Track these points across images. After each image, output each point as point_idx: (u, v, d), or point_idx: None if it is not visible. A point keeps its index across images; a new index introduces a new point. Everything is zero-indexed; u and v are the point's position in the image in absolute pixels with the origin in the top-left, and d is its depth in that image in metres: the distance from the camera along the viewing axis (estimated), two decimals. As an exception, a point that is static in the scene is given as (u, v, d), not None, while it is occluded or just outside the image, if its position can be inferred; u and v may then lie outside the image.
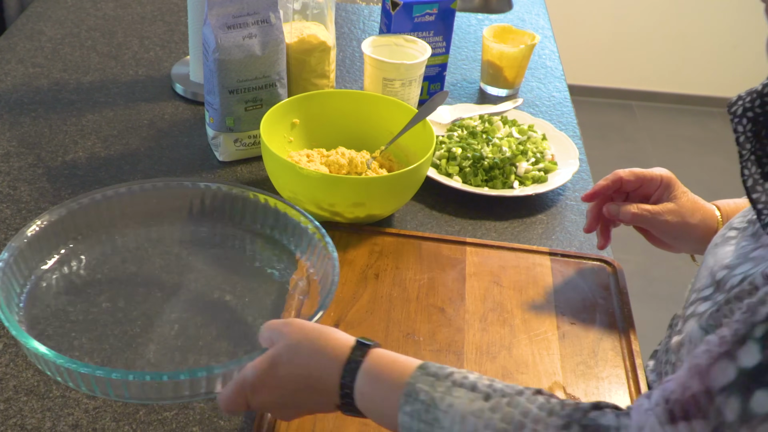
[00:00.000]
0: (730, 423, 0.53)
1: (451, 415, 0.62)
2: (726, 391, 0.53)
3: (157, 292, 0.92)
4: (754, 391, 0.52)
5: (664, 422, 0.56)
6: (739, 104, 0.71)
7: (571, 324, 0.91)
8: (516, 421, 0.60)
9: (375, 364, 0.66)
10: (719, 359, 0.54)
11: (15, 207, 1.04)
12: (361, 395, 0.66)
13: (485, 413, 0.61)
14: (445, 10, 1.27)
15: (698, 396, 0.55)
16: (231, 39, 1.07)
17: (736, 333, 0.54)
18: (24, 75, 1.33)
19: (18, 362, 0.83)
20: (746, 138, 0.70)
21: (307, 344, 0.68)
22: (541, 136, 1.22)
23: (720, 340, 0.55)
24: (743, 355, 0.53)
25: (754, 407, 0.52)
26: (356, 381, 0.66)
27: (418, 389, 0.63)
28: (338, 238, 1.00)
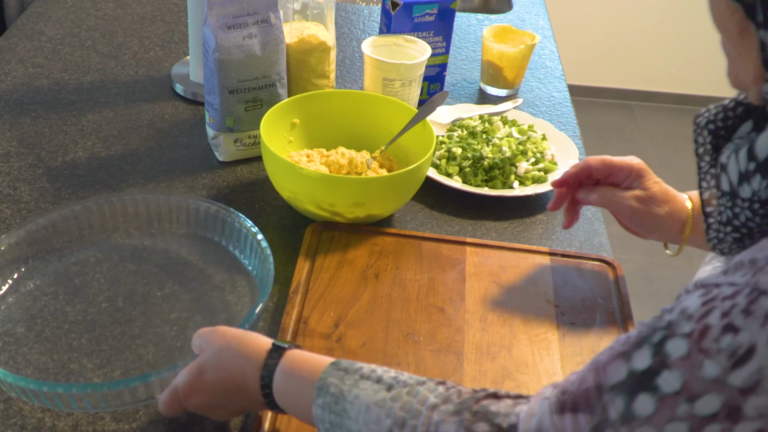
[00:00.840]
0: (612, 421, 0.54)
1: (357, 405, 0.66)
2: (614, 390, 0.54)
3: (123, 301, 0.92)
4: (638, 394, 0.53)
5: (554, 411, 0.57)
6: (705, 115, 0.71)
7: (571, 324, 0.91)
8: (413, 409, 0.63)
9: (290, 364, 0.71)
10: (617, 358, 0.55)
11: (15, 207, 1.04)
12: (279, 393, 0.70)
13: (387, 403, 0.65)
14: (445, 10, 1.27)
15: (590, 391, 0.56)
16: (231, 39, 1.07)
17: (639, 335, 0.55)
18: (24, 75, 1.33)
19: (18, 360, 0.83)
20: (705, 150, 0.70)
21: (229, 350, 0.73)
22: (541, 136, 1.22)
23: (625, 340, 0.56)
24: (637, 357, 0.54)
25: (637, 409, 0.53)
26: (273, 381, 0.70)
27: (329, 383, 0.67)
28: (338, 238, 1.00)
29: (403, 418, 0.63)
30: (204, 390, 0.73)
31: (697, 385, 0.51)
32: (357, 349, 0.85)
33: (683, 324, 0.52)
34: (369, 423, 0.64)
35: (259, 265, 0.90)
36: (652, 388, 0.52)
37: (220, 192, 1.10)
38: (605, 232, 1.09)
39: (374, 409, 0.65)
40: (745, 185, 0.60)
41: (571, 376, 0.59)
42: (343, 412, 0.66)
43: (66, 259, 0.95)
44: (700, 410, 0.51)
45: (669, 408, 0.52)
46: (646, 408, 0.52)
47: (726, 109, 0.70)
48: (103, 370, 0.83)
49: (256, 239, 0.91)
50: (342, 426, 0.66)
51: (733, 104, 0.70)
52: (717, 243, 0.66)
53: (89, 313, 0.89)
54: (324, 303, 0.91)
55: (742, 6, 0.58)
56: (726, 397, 0.50)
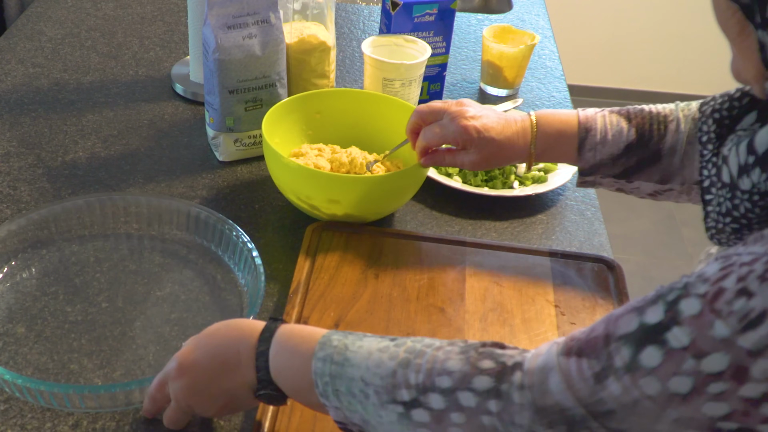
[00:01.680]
0: (616, 368, 0.55)
1: (360, 353, 0.65)
2: (622, 339, 0.55)
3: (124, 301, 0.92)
4: (646, 345, 0.54)
5: (560, 353, 0.58)
6: (710, 104, 0.71)
7: (571, 324, 0.91)
8: (418, 350, 0.64)
9: (288, 330, 0.70)
10: (629, 312, 0.56)
11: (15, 207, 1.04)
12: (276, 355, 0.69)
13: (390, 348, 0.65)
14: (445, 10, 1.27)
15: (598, 339, 0.57)
16: (231, 39, 1.07)
17: (655, 294, 0.56)
18: (24, 75, 1.33)
19: (18, 360, 0.83)
20: (709, 138, 0.71)
21: (224, 328, 0.73)
22: (541, 136, 1.22)
23: (642, 298, 0.57)
24: (650, 312, 0.55)
25: (642, 360, 0.54)
26: (271, 344, 0.69)
27: (332, 339, 0.68)
28: (338, 238, 1.00)
29: (407, 358, 0.63)
30: (191, 373, 0.71)
31: (705, 343, 0.52)
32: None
33: (699, 285, 0.53)
34: (371, 368, 0.64)
35: (252, 282, 0.90)
36: (660, 342, 0.53)
37: (220, 192, 1.10)
38: (605, 232, 1.09)
39: (377, 354, 0.65)
40: (744, 178, 0.61)
41: (581, 328, 0.60)
42: (345, 361, 0.65)
43: (66, 259, 0.95)
44: (706, 367, 0.52)
45: (675, 362, 0.53)
46: (652, 360, 0.53)
47: (732, 98, 0.70)
48: (103, 371, 0.83)
49: (251, 255, 0.91)
50: (342, 376, 0.65)
51: (739, 94, 0.70)
52: (716, 233, 0.67)
53: (89, 313, 0.89)
54: (324, 303, 0.91)
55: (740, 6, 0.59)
56: (733, 357, 0.51)
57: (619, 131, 0.90)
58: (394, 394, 0.63)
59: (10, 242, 0.93)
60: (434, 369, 0.62)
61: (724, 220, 0.65)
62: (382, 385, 0.63)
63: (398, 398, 0.63)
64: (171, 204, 0.99)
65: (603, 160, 0.91)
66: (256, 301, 0.85)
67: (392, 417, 0.63)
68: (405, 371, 0.63)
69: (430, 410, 0.62)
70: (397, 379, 0.63)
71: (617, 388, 0.55)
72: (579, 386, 0.57)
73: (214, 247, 0.97)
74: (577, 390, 0.57)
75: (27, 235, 0.95)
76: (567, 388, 0.57)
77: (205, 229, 0.97)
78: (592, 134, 0.91)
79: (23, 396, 0.76)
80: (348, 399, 0.65)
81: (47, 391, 0.74)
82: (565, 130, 0.92)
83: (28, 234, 0.95)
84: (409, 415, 0.62)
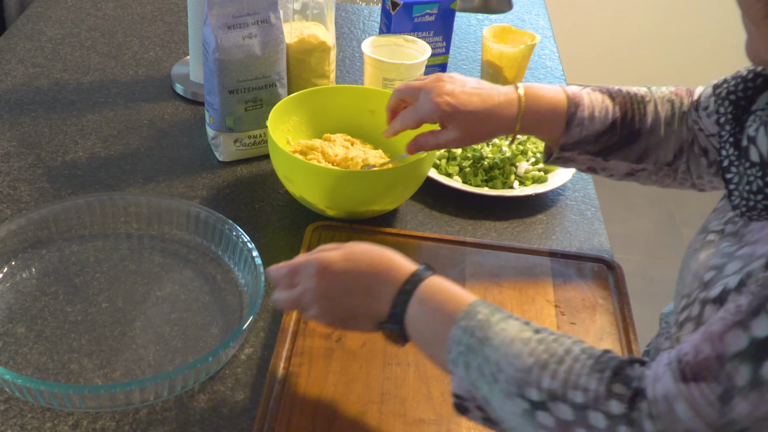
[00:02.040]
0: (740, 387, 0.56)
1: (501, 336, 0.66)
2: (737, 358, 0.56)
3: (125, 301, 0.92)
4: (764, 360, 0.55)
5: (678, 380, 0.59)
6: (724, 87, 0.74)
7: (571, 324, 0.91)
8: (558, 355, 0.64)
9: (437, 284, 0.72)
10: (733, 327, 0.57)
11: (15, 207, 1.04)
12: (419, 302, 0.71)
13: (532, 342, 0.65)
14: (445, 10, 1.27)
15: (710, 360, 0.58)
16: (231, 39, 1.07)
17: (750, 305, 0.57)
18: (24, 75, 1.33)
19: (18, 360, 0.83)
20: (726, 120, 0.73)
21: (378, 255, 0.75)
22: (541, 136, 1.22)
23: (736, 309, 0.58)
24: (756, 326, 0.56)
25: (764, 374, 0.55)
26: (417, 289, 0.71)
27: (478, 310, 0.68)
28: (338, 238, 1.00)
29: (546, 360, 0.64)
30: (334, 279, 0.74)
31: None
32: (357, 349, 0.85)
33: None
34: (509, 356, 0.65)
35: (252, 282, 0.90)
36: None
37: (220, 192, 1.10)
38: (605, 232, 1.09)
39: (518, 344, 0.65)
40: None
41: (683, 346, 0.61)
42: (486, 339, 0.66)
43: (66, 259, 0.95)
44: None
45: None
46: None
47: (745, 80, 0.72)
48: (103, 371, 0.83)
49: (251, 255, 0.91)
50: (479, 352, 0.66)
51: (752, 75, 0.73)
52: (746, 211, 0.68)
53: (89, 313, 0.89)
54: (324, 303, 0.91)
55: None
56: None
57: (605, 108, 0.91)
58: (524, 390, 0.64)
59: (10, 242, 0.93)
60: (569, 381, 0.63)
61: (756, 197, 0.66)
62: (515, 377, 0.64)
63: (527, 395, 0.64)
64: (171, 204, 0.99)
65: (587, 136, 0.92)
66: (256, 301, 0.85)
67: (516, 409, 0.64)
68: (540, 373, 0.64)
69: (556, 418, 0.63)
70: (531, 376, 0.64)
71: (746, 407, 0.56)
72: (706, 412, 0.57)
73: (214, 247, 0.97)
74: (705, 416, 0.57)
75: (27, 235, 0.95)
76: (695, 415, 0.58)
77: (205, 229, 0.97)
78: (580, 110, 0.91)
79: (23, 396, 0.76)
80: (477, 375, 0.66)
81: (47, 391, 0.74)
82: (555, 105, 0.92)
83: (28, 234, 0.95)
84: (533, 414, 0.63)
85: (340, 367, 0.83)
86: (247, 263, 0.92)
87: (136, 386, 0.75)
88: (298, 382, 0.81)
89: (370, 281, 0.73)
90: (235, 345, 0.82)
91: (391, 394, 0.81)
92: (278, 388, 0.80)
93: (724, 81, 0.75)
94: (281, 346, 0.85)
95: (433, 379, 0.83)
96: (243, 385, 0.83)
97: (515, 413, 0.65)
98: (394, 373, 0.83)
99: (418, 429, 0.78)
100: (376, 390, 0.81)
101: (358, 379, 0.82)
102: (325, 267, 0.74)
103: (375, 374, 0.83)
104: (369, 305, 0.73)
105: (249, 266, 0.91)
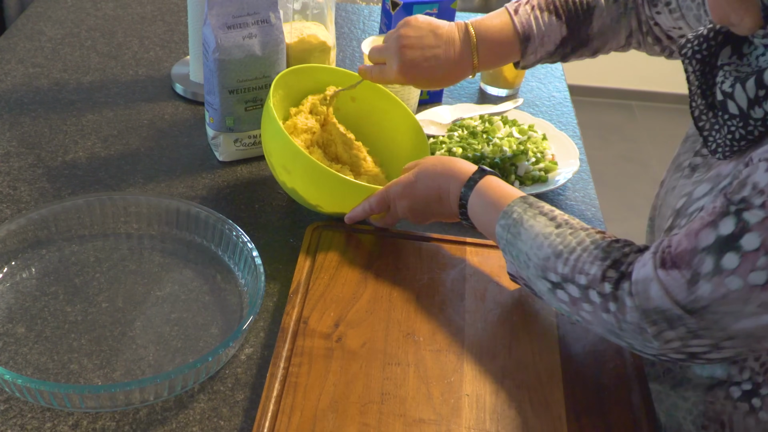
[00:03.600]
0: (705, 274, 0.69)
1: (529, 232, 0.83)
2: (705, 251, 0.69)
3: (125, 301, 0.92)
4: (725, 253, 0.68)
5: (658, 266, 0.72)
6: (688, 47, 0.81)
7: (572, 324, 0.91)
8: (571, 246, 0.80)
9: (487, 186, 0.90)
10: (706, 226, 0.69)
11: (15, 207, 1.04)
12: (472, 206, 0.91)
13: (551, 236, 0.81)
14: (445, 10, 1.27)
15: (686, 252, 0.70)
16: (231, 39, 1.07)
17: (721, 206, 0.69)
18: (24, 75, 1.33)
19: (18, 360, 0.83)
20: (695, 76, 0.80)
21: (440, 167, 0.95)
22: (541, 136, 1.22)
23: (711, 210, 0.70)
24: (722, 226, 0.68)
25: (724, 264, 0.68)
26: (469, 198, 0.91)
27: (514, 210, 0.86)
28: (338, 238, 1.00)
29: (560, 250, 0.80)
30: (412, 196, 0.95)
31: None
32: (357, 349, 0.85)
33: (755, 198, 0.67)
34: (533, 247, 0.82)
35: (252, 282, 0.90)
36: (736, 248, 0.67)
37: (220, 192, 1.10)
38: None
39: (540, 238, 0.82)
40: (756, 108, 0.73)
41: (670, 238, 0.73)
42: (518, 234, 0.84)
43: (66, 259, 0.95)
44: None
45: (751, 261, 0.66)
46: (732, 263, 0.67)
47: (708, 38, 0.80)
48: (103, 371, 0.83)
49: (251, 255, 0.91)
50: (514, 245, 0.84)
51: (712, 33, 0.80)
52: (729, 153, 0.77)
53: (89, 313, 0.89)
54: (324, 303, 0.91)
55: None
56: None
57: (552, 30, 1.04)
58: (546, 273, 0.81)
59: (10, 242, 0.93)
60: (576, 267, 0.78)
61: (740, 144, 0.75)
62: (539, 264, 0.82)
63: (548, 278, 0.81)
64: (171, 204, 0.99)
65: (542, 57, 1.07)
66: (256, 301, 0.85)
67: (543, 288, 0.83)
68: (556, 260, 0.80)
69: (569, 295, 0.79)
70: (549, 263, 0.80)
71: (707, 289, 0.69)
72: (675, 292, 0.70)
73: (214, 247, 0.97)
74: (674, 295, 0.71)
75: (27, 235, 0.95)
76: (665, 294, 0.71)
77: (205, 229, 0.97)
78: (531, 41, 1.04)
79: (23, 396, 0.76)
80: (517, 261, 0.85)
81: (47, 391, 0.74)
82: (506, 43, 1.04)
83: (28, 234, 0.95)
84: (554, 291, 0.81)
85: (340, 367, 0.83)
86: (247, 263, 0.92)
87: (136, 386, 0.75)
88: (298, 382, 0.81)
89: (440, 191, 0.94)
90: (235, 345, 0.82)
91: (391, 394, 0.81)
92: (278, 388, 0.80)
93: (687, 41, 0.81)
94: (281, 346, 0.85)
95: (433, 379, 0.83)
96: (243, 385, 0.83)
97: (542, 290, 0.83)
98: (394, 373, 0.83)
99: (418, 429, 0.78)
100: (376, 390, 0.81)
101: (358, 379, 0.82)
102: (404, 189, 0.96)
103: (375, 374, 0.83)
104: (444, 207, 0.95)
105: (249, 266, 0.91)
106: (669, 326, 0.72)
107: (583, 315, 0.79)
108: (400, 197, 0.96)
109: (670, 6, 1.00)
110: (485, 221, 0.90)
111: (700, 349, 0.73)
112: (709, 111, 0.80)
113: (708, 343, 0.72)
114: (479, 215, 0.91)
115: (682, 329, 0.72)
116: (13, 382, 0.74)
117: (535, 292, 0.86)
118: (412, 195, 0.95)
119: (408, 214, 0.97)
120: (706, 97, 0.80)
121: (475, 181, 0.91)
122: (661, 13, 1.02)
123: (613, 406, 0.82)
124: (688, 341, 0.72)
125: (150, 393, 0.77)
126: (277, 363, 0.83)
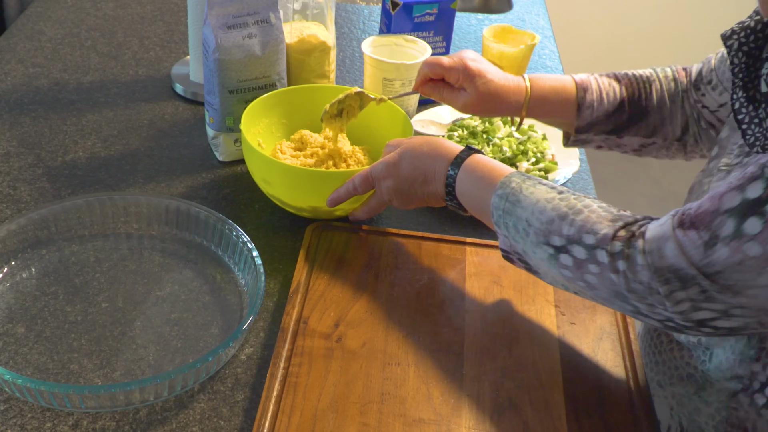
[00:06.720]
0: (724, 237, 0.67)
1: (530, 198, 0.81)
2: (727, 213, 0.67)
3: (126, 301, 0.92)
4: (749, 217, 0.66)
5: (676, 226, 0.71)
6: (735, 38, 0.81)
7: (571, 324, 0.91)
8: (577, 208, 0.78)
9: (476, 162, 0.88)
10: (733, 189, 0.68)
11: (15, 207, 1.04)
12: (460, 182, 0.88)
13: (554, 200, 0.80)
14: (445, 10, 1.27)
15: (706, 213, 0.69)
16: (231, 39, 1.07)
17: (753, 172, 0.67)
18: (24, 75, 1.33)
19: (18, 360, 0.83)
20: (740, 69, 0.81)
21: (426, 148, 0.92)
22: (541, 136, 1.22)
23: (741, 175, 0.68)
24: (750, 189, 0.66)
25: (746, 228, 0.66)
26: (459, 171, 0.89)
27: (512, 180, 0.84)
28: (338, 238, 1.00)
29: (565, 212, 0.78)
30: (397, 176, 0.93)
31: None
32: (357, 349, 0.85)
33: None
34: (535, 212, 0.80)
35: (252, 282, 0.90)
36: (761, 213, 0.65)
37: (220, 192, 1.10)
38: (605, 232, 1.09)
39: (543, 203, 0.80)
40: None
41: (689, 204, 0.72)
42: (517, 201, 0.82)
43: (66, 259, 0.95)
44: None
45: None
46: (754, 228, 0.65)
47: (755, 30, 0.80)
48: (103, 371, 0.83)
49: (251, 255, 0.91)
50: (512, 213, 0.82)
51: (760, 26, 0.80)
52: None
53: (89, 313, 0.89)
54: (324, 303, 0.91)
55: None
56: None
57: (612, 90, 1.02)
58: (549, 237, 0.79)
59: (10, 242, 0.93)
60: (584, 227, 0.76)
61: None
62: (541, 229, 0.79)
63: (551, 242, 0.78)
64: (171, 204, 0.99)
65: (599, 117, 1.02)
66: (256, 301, 0.85)
67: (543, 255, 0.80)
68: (561, 222, 0.78)
69: (574, 258, 0.77)
70: (553, 226, 0.78)
71: (724, 253, 0.67)
72: (691, 252, 0.69)
73: (214, 247, 0.97)
74: (690, 255, 0.69)
75: (27, 235, 0.95)
76: (681, 253, 0.69)
77: (205, 229, 0.97)
78: (589, 93, 1.02)
79: (23, 396, 0.76)
80: (513, 232, 0.82)
81: (47, 391, 0.74)
82: (562, 91, 1.02)
83: (28, 234, 0.95)
84: (557, 257, 0.78)
85: (340, 367, 0.83)
86: (247, 263, 0.92)
87: (136, 386, 0.75)
88: (298, 382, 0.81)
89: (425, 170, 0.91)
90: (235, 345, 0.82)
91: (391, 394, 0.81)
92: (278, 388, 0.80)
93: (732, 32, 0.81)
94: (281, 346, 0.85)
95: (433, 379, 0.83)
96: (243, 385, 0.83)
97: (543, 259, 0.80)
98: (394, 373, 0.83)
99: (418, 429, 0.78)
100: (376, 390, 0.81)
101: (358, 379, 0.82)
102: (388, 168, 0.93)
103: (375, 374, 0.83)
104: (429, 188, 0.92)
105: (249, 266, 0.91)
106: (682, 286, 0.70)
107: (588, 279, 0.77)
108: (384, 177, 0.94)
109: (711, 83, 0.99)
110: (475, 196, 0.87)
111: (708, 315, 0.71)
112: (749, 104, 0.79)
113: (719, 308, 0.70)
114: (469, 190, 0.88)
115: (695, 289, 0.69)
116: (13, 382, 0.74)
117: (531, 267, 0.84)
118: (397, 175, 0.93)
119: (392, 195, 0.95)
120: (747, 90, 0.80)
121: (462, 159, 0.89)
122: (705, 94, 1.00)
123: (613, 406, 0.82)
124: (700, 304, 0.70)
125: (150, 393, 0.77)
126: (277, 363, 0.83)
